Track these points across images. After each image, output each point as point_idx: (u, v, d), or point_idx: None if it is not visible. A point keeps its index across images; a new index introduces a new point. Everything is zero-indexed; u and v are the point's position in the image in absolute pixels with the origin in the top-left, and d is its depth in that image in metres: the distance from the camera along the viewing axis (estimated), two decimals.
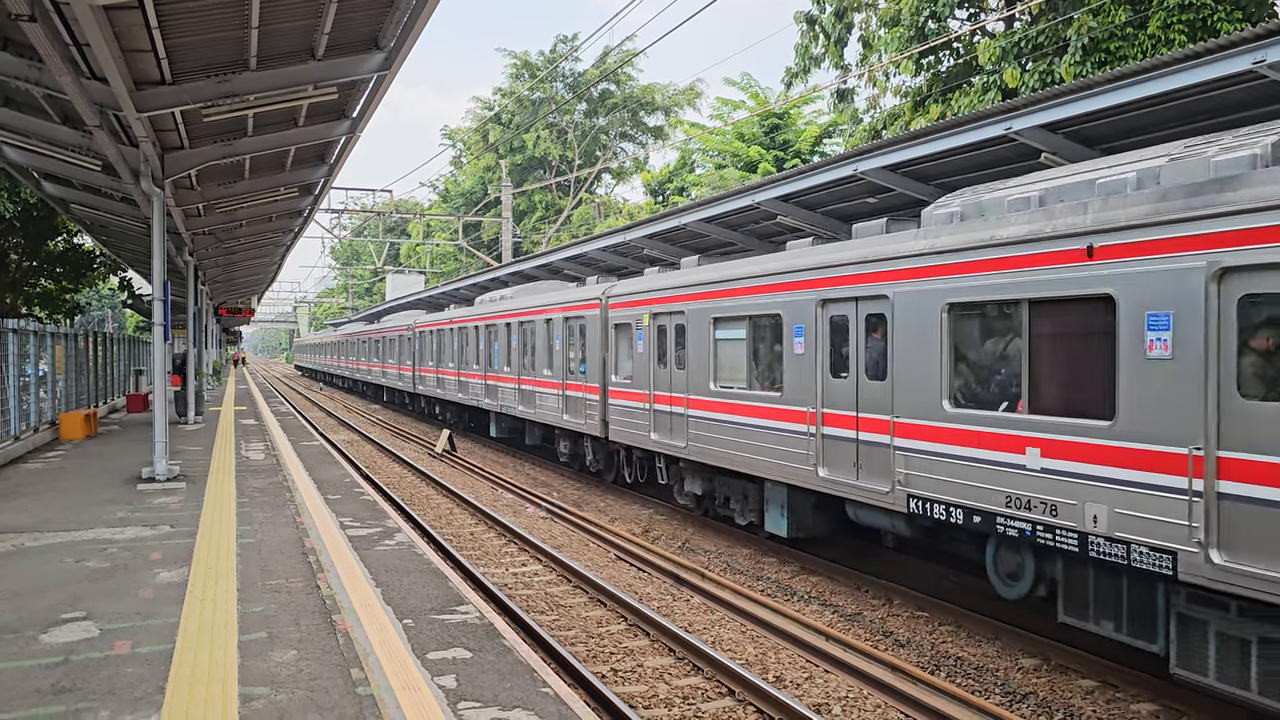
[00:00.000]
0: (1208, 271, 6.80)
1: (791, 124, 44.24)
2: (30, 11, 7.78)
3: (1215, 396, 6.74)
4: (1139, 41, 19.21)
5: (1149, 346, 7.26)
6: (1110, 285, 7.57)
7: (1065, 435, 7.97)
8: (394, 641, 6.91)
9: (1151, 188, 7.56)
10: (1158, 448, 7.17)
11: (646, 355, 15.71)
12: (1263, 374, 6.54)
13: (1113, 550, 7.53)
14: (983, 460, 8.78)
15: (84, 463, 16.70)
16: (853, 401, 10.66)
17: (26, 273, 28.09)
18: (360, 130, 14.02)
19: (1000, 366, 8.90)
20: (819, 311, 11.17)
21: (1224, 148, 7.31)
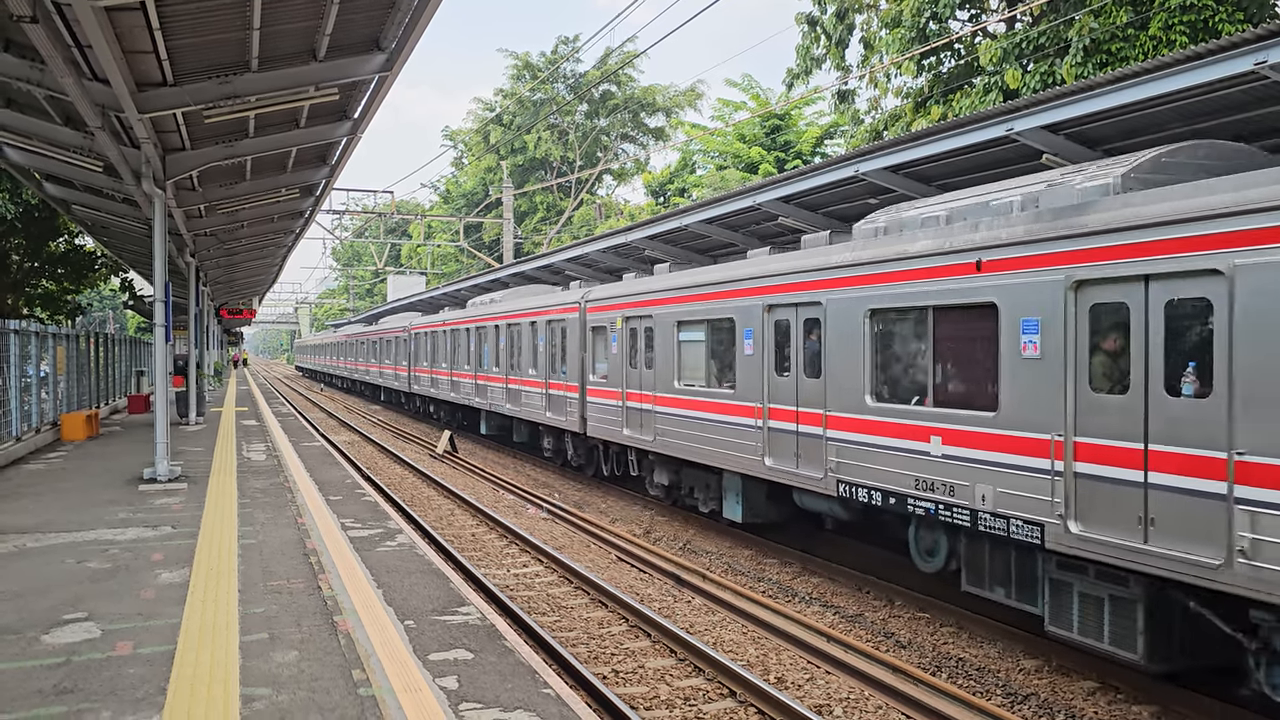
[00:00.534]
0: (1066, 283, 7.91)
1: (793, 125, 44.24)
2: (32, 13, 7.79)
3: (1073, 390, 7.86)
4: (1140, 42, 19.19)
5: (1023, 348, 8.38)
6: (994, 295, 8.68)
7: (961, 425, 9.07)
8: (395, 642, 6.91)
9: (1030, 210, 8.68)
10: (1029, 435, 8.28)
11: (620, 356, 16.76)
12: (1109, 371, 7.65)
13: (997, 525, 8.62)
14: (896, 448, 9.92)
15: (85, 463, 16.71)
16: (794, 397, 11.75)
17: (28, 274, 28.13)
18: (362, 131, 14.02)
19: (911, 365, 10.00)
20: (765, 316, 12.28)
21: (1087, 176, 8.40)
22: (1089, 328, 7.79)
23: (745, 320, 12.72)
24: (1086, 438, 7.74)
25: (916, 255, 9.60)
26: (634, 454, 17.03)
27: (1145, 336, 7.31)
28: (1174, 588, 7.28)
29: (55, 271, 29.31)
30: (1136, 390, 7.35)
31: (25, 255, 27.23)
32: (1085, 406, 7.77)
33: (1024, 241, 8.38)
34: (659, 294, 15.43)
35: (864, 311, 10.37)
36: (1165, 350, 7.17)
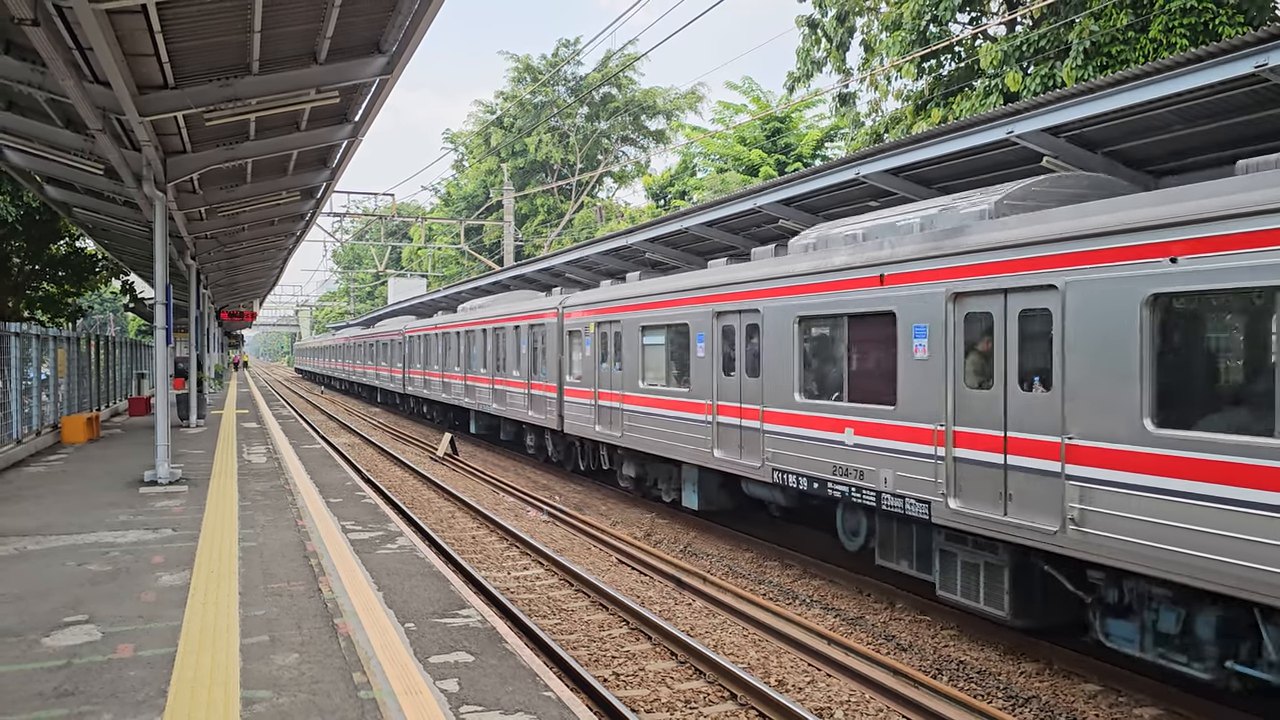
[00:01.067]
0: (946, 295, 9.16)
1: (793, 128, 44.28)
2: (33, 15, 7.80)
3: (952, 386, 9.13)
4: (1141, 45, 19.20)
5: (915, 350, 9.60)
6: (893, 304, 9.92)
7: (868, 418, 10.39)
8: (396, 645, 6.91)
9: (925, 231, 9.92)
10: (920, 425, 9.55)
11: (593, 358, 17.99)
12: (979, 370, 8.91)
13: (897, 504, 9.88)
14: (819, 439, 11.21)
15: (86, 466, 16.71)
16: (737, 394, 13.05)
17: (29, 276, 28.15)
18: (362, 134, 14.04)
19: (831, 366, 11.35)
20: (714, 322, 13.56)
21: (970, 202, 9.71)
22: (964, 333, 9.08)
23: (698, 325, 14.00)
24: (962, 427, 9.05)
25: (835, 269, 10.94)
26: (605, 449, 18.34)
27: (1005, 341, 8.60)
28: (1031, 553, 8.56)
29: (56, 274, 29.35)
30: (999, 386, 8.65)
31: (26, 258, 27.25)
32: (961, 400, 9.07)
33: (916, 259, 9.65)
34: (626, 301, 16.71)
35: (794, 318, 11.68)
36: (1019, 352, 8.46)
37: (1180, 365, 7.39)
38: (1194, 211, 6.92)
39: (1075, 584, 8.35)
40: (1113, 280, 7.51)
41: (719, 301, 13.37)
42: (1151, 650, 7.64)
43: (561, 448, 21.03)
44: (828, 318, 11.16)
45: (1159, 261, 7.13)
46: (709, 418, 13.62)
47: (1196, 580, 6.87)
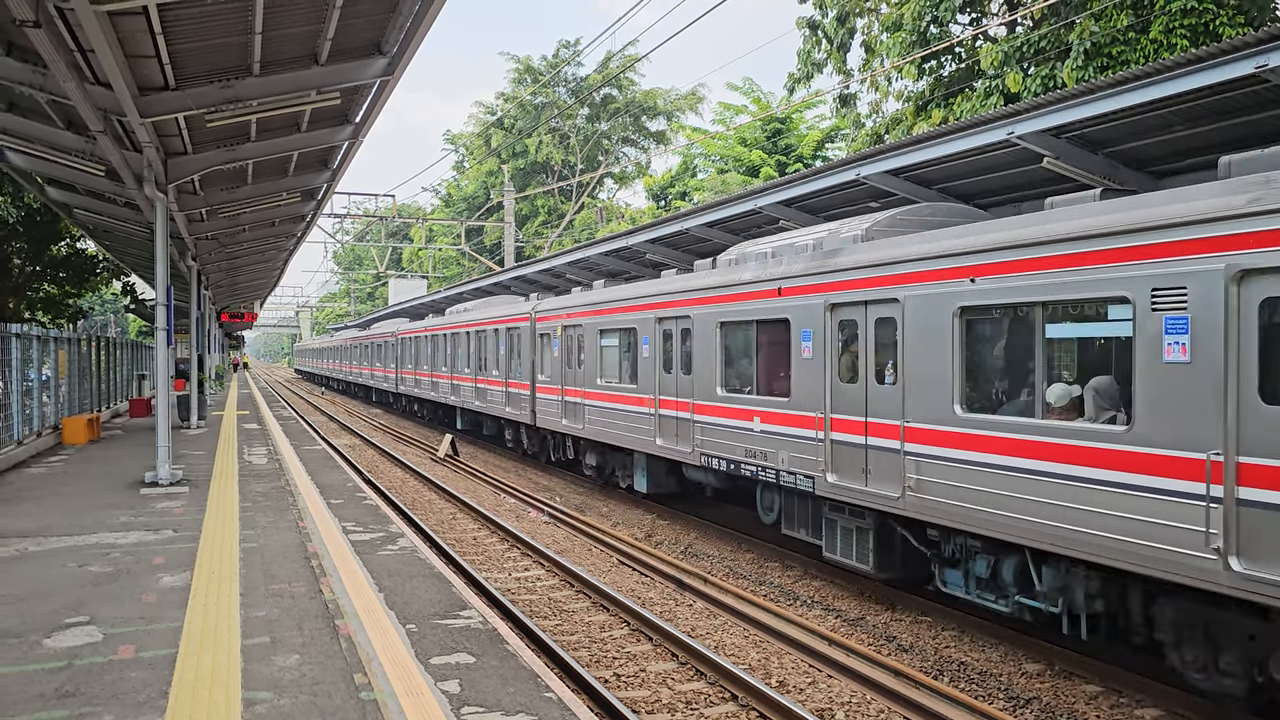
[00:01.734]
0: (825, 305, 11.01)
1: (794, 128, 44.28)
2: (35, 17, 7.81)
3: (830, 381, 10.98)
4: (1141, 46, 19.19)
5: (804, 351, 11.39)
6: (788, 313, 11.73)
7: (771, 408, 12.18)
8: (397, 646, 6.91)
9: (814, 251, 11.70)
10: (807, 414, 11.38)
11: (560, 358, 19.78)
12: (849, 367, 10.75)
13: (791, 480, 11.70)
14: (734, 426, 13.04)
15: (87, 467, 16.71)
16: (674, 389, 14.82)
17: (30, 277, 28.14)
18: (363, 135, 14.04)
19: (745, 364, 13.22)
20: (657, 326, 15.38)
21: (849, 228, 11.43)
22: (839, 337, 10.93)
23: (644, 330, 15.79)
24: (837, 414, 10.92)
25: (746, 282, 12.78)
26: (570, 440, 20.15)
27: (866, 344, 10.38)
28: (887, 517, 10.31)
29: (57, 275, 29.33)
30: (862, 380, 10.49)
31: (27, 259, 27.25)
32: (837, 392, 10.93)
33: (804, 275, 11.48)
34: (587, 307, 18.52)
35: (716, 323, 13.51)
36: (875, 353, 10.27)
37: (978, 363, 9.37)
38: (983, 243, 8.81)
39: (920, 541, 10.08)
40: (934, 295, 9.34)
41: (660, 309, 15.27)
42: (972, 592, 9.40)
43: (535, 441, 22.76)
44: (741, 324, 13.08)
45: (963, 281, 8.97)
46: (653, 410, 15.43)
47: (994, 533, 8.68)
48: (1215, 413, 6.70)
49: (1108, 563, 7.61)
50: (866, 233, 11.00)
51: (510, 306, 24.84)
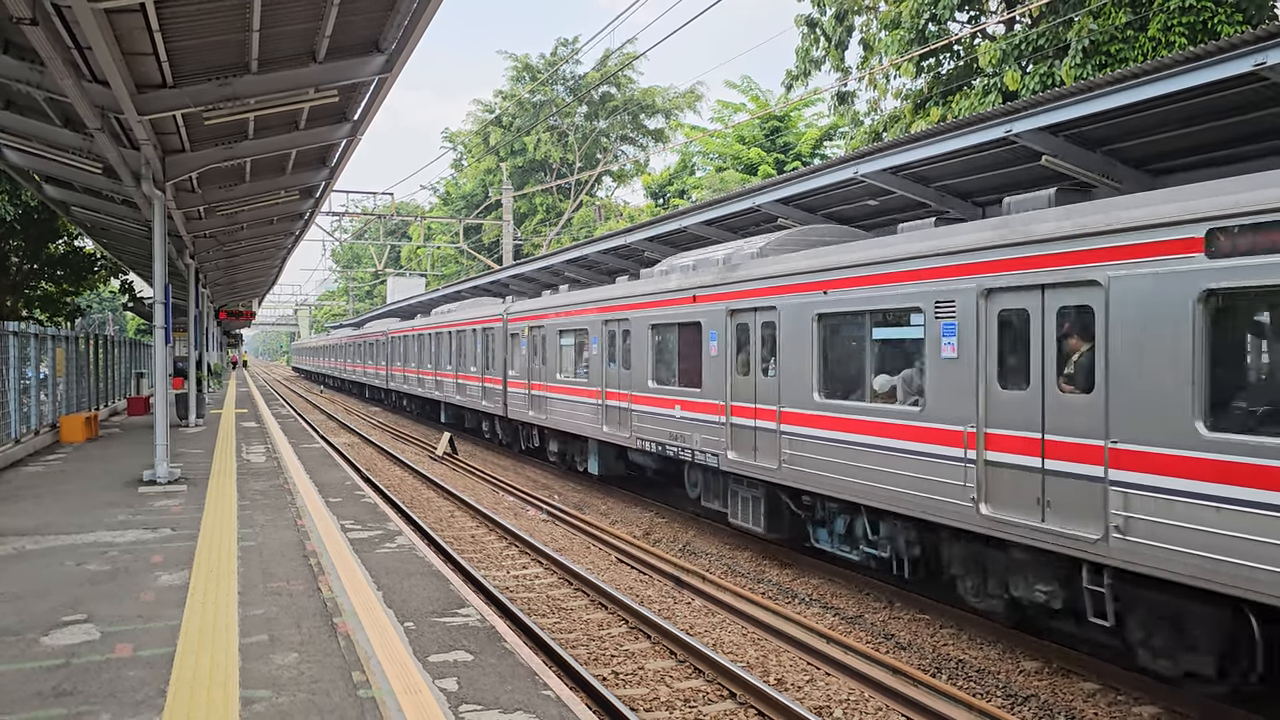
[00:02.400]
0: (726, 311, 13.10)
1: (792, 126, 44.25)
2: (32, 15, 7.79)
3: (730, 374, 13.02)
4: (1139, 44, 19.19)
5: (711, 349, 13.49)
6: (700, 317, 13.87)
7: (688, 398, 14.27)
8: (395, 644, 6.91)
9: (722, 264, 13.66)
10: (713, 401, 13.49)
11: (526, 356, 21.94)
12: (744, 361, 12.75)
13: (703, 458, 13.74)
14: (660, 414, 15.13)
15: (85, 466, 16.70)
16: (617, 383, 16.76)
17: (27, 275, 28.12)
18: (361, 133, 14.02)
19: (670, 361, 15.18)
20: (604, 327, 17.45)
21: (751, 245, 13.44)
22: (735, 337, 12.98)
23: (594, 330, 17.91)
24: (735, 402, 12.98)
25: (670, 290, 14.89)
26: (537, 430, 22.33)
27: (755, 342, 12.44)
28: (772, 487, 12.36)
29: (55, 273, 29.30)
30: (753, 373, 12.49)
31: (24, 257, 27.22)
32: (734, 383, 12.99)
33: (712, 285, 13.60)
34: (549, 310, 20.71)
35: (648, 325, 15.58)
36: (761, 349, 12.35)
37: (830, 357, 11.35)
38: (830, 264, 11.03)
39: (796, 506, 12.18)
40: (801, 304, 11.47)
41: (606, 313, 17.31)
42: (835, 545, 11.51)
43: (509, 431, 25.03)
44: (667, 326, 15.13)
45: (819, 294, 11.17)
46: (600, 401, 17.45)
47: (842, 495, 10.80)
48: (972, 396, 8.88)
49: (915, 515, 9.69)
50: (761, 250, 13.04)
51: (487, 308, 27.05)
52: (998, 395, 8.66)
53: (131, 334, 60.85)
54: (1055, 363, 8.15)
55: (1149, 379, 7.28)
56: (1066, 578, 8.31)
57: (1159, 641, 7.67)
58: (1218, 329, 6.98)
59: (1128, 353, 7.45)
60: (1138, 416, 7.35)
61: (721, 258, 13.86)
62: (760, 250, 12.99)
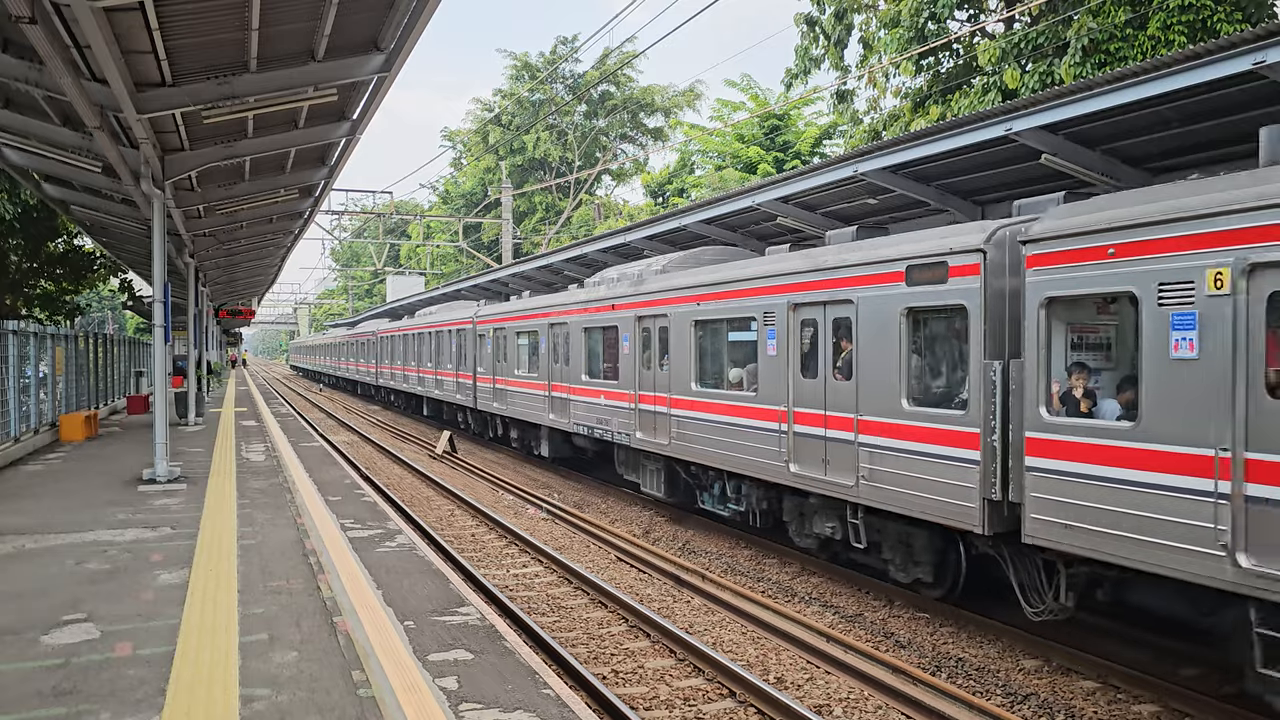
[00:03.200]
0: (634, 317, 15.82)
1: (791, 125, 44.21)
2: (31, 13, 7.78)
3: (640, 367, 15.61)
4: (1139, 42, 19.19)
5: (624, 348, 16.21)
6: (616, 321, 16.63)
7: (609, 389, 16.95)
8: (395, 643, 6.91)
9: (636, 278, 16.35)
10: (627, 391, 16.12)
11: (491, 354, 24.86)
12: (649, 358, 15.37)
13: (620, 439, 16.42)
14: (589, 403, 17.90)
15: (84, 464, 16.70)
16: (561, 377, 19.52)
17: (26, 274, 28.09)
18: (360, 132, 14.01)
19: (598, 358, 17.87)
20: (550, 330, 20.23)
21: (658, 263, 16.25)
22: (642, 338, 15.66)
23: (543, 332, 20.63)
24: (642, 391, 15.59)
25: (596, 299, 17.75)
26: (500, 420, 25.41)
27: (657, 343, 15.06)
28: (668, 460, 15.04)
29: (54, 272, 29.26)
30: (654, 366, 15.17)
31: (24, 256, 27.19)
32: (643, 375, 15.57)
33: (626, 296, 16.33)
34: (510, 314, 23.60)
35: (582, 328, 18.39)
36: (659, 347, 15.01)
37: (704, 353, 14.00)
38: (702, 281, 13.78)
39: (686, 475, 14.90)
40: (685, 313, 14.10)
41: (551, 317, 20.17)
42: (714, 505, 14.11)
43: (479, 422, 28.01)
44: (595, 329, 17.85)
45: (697, 304, 13.81)
46: (547, 393, 20.25)
47: (711, 464, 13.58)
48: (785, 384, 11.65)
49: (756, 476, 12.42)
50: (664, 267, 15.73)
51: (461, 311, 29.89)
52: (800, 382, 11.48)
53: (131, 332, 60.82)
54: (831, 358, 10.88)
55: (880, 368, 10.05)
56: (841, 516, 11.02)
57: (896, 558, 10.48)
58: (914, 334, 9.78)
59: (868, 350, 10.20)
60: (872, 395, 10.15)
61: (637, 272, 16.66)
62: (663, 268, 15.75)
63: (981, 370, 8.76)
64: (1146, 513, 7.19)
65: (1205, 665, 8.56)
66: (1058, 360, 8.29)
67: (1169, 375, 7.11)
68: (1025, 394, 8.29)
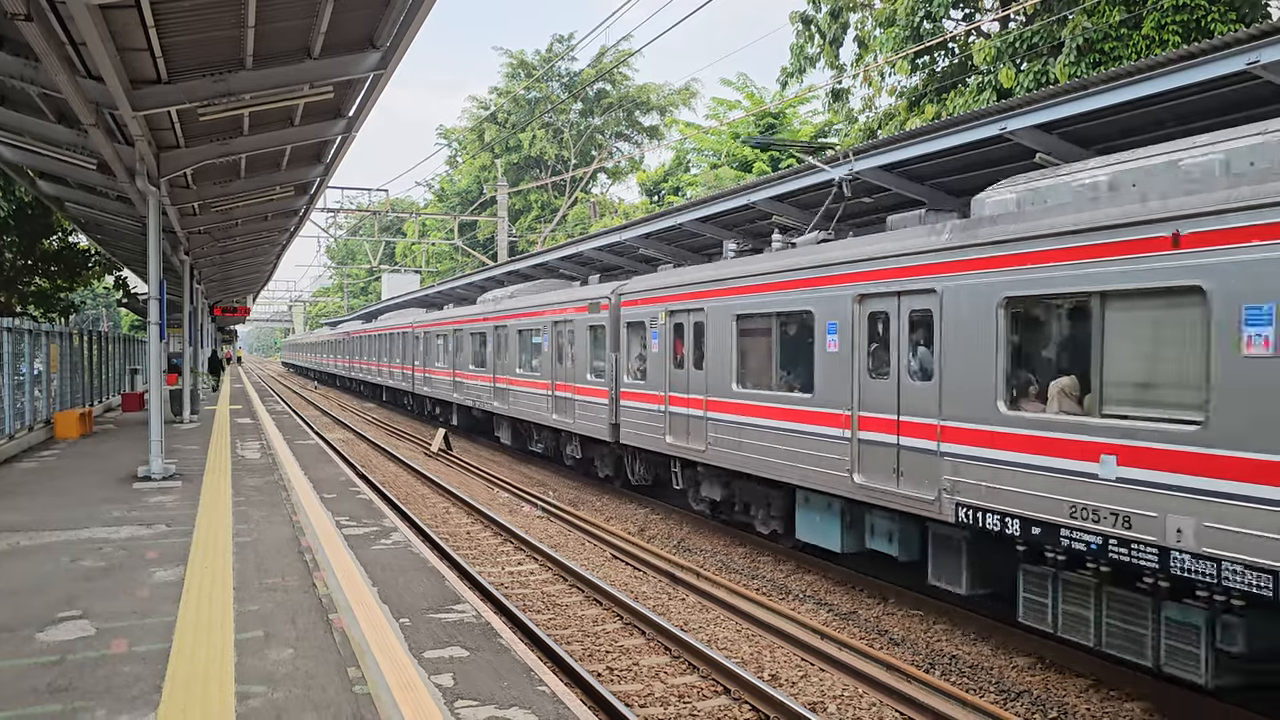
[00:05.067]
0: (550, 323, 20.22)
1: (787, 124, 44.24)
2: (26, 10, 7.77)
3: (555, 364, 19.73)
4: (1133, 42, 19.24)
5: (544, 346, 20.54)
6: (540, 325, 20.85)
7: (533, 381, 21.07)
8: (390, 640, 6.92)
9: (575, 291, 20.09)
10: (549, 381, 20.11)
11: (451, 353, 29.32)
12: (562, 355, 19.49)
13: (559, 423, 19.72)
14: (534, 395, 21.25)
15: (79, 462, 16.68)
16: (503, 370, 23.43)
17: (21, 271, 28.02)
18: (356, 130, 14.00)
19: (534, 354, 21.47)
20: (495, 332, 24.42)
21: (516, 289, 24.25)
22: (555, 340, 19.69)
23: (489, 334, 24.90)
24: (559, 380, 19.38)
25: (526, 307, 22.05)
26: (456, 408, 29.76)
27: (563, 341, 18.95)
28: (610, 445, 17.52)
29: (49, 269, 29.19)
30: (566, 363, 18.69)
31: (18, 253, 27.13)
32: (557, 369, 19.55)
33: (572, 300, 19.37)
34: (466, 316, 27.91)
35: (516, 330, 22.57)
36: (557, 350, 19.38)
37: (625, 352, 15.96)
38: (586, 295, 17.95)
39: (580, 445, 19.21)
40: (584, 318, 17.54)
41: (493, 321, 24.55)
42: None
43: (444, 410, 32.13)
44: (527, 330, 21.89)
45: (587, 314, 17.29)
46: (492, 384, 24.62)
47: (590, 434, 17.73)
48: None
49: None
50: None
51: (418, 315, 36.32)
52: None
53: (125, 330, 60.69)
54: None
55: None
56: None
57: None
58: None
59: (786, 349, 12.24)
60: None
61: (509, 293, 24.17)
62: (511, 294, 23.72)
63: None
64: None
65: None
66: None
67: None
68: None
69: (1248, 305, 6.56)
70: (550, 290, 22.70)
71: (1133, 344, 7.55)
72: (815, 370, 11.10)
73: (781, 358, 12.16)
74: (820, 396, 11.00)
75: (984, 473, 8.71)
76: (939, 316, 9.26)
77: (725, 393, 13.18)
